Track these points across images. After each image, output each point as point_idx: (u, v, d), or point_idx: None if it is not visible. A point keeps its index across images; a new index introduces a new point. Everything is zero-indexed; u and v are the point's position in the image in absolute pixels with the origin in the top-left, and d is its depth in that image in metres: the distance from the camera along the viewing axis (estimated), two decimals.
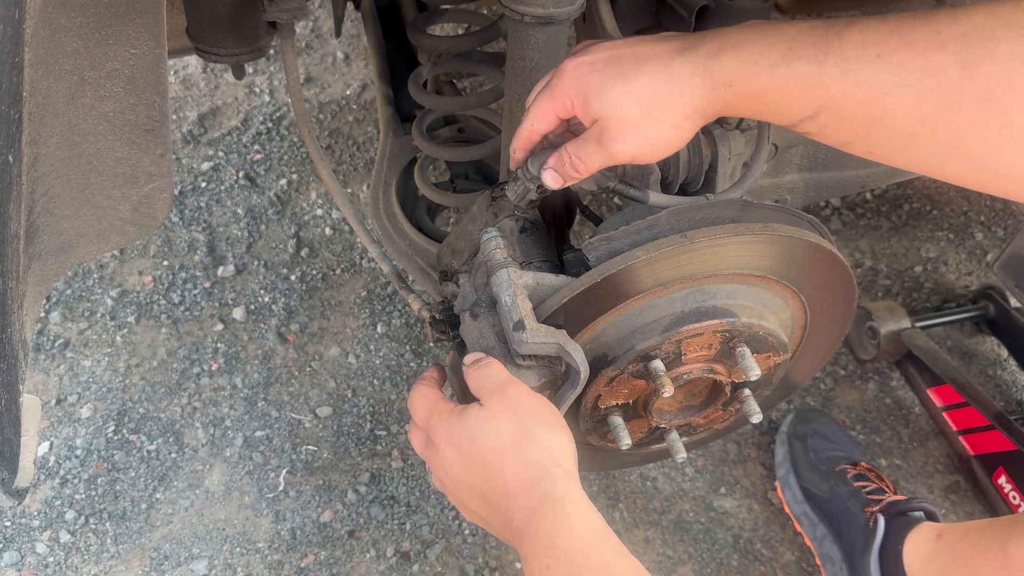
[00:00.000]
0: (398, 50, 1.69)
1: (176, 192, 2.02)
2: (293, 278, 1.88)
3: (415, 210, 1.54)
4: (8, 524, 1.52)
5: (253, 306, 1.83)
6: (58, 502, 1.55)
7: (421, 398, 0.94)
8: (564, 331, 0.92)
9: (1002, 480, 1.56)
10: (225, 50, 1.22)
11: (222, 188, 2.03)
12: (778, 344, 1.08)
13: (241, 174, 2.06)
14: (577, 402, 1.05)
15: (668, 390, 1.00)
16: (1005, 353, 1.82)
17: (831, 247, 1.04)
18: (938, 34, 0.70)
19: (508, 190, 1.02)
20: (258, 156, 2.11)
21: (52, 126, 0.86)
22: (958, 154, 0.74)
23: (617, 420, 1.09)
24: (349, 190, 2.07)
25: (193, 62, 2.30)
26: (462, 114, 1.58)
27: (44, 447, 1.61)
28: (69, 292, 1.83)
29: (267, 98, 2.24)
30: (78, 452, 1.61)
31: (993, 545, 1.16)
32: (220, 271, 1.88)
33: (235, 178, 2.05)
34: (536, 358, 0.93)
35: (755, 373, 1.03)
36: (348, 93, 2.27)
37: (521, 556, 0.82)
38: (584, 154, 0.88)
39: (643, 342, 1.01)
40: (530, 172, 0.96)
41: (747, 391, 1.11)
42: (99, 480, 1.58)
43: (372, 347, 1.78)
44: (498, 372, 0.90)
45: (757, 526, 1.57)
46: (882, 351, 1.73)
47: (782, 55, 0.76)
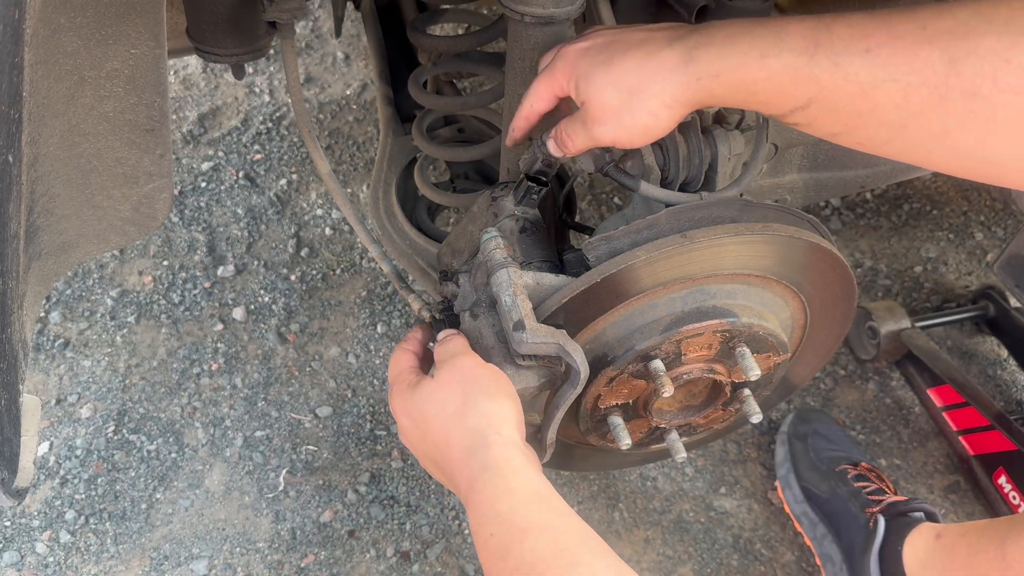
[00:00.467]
0: (398, 50, 1.69)
1: (176, 192, 2.02)
2: (293, 278, 1.88)
3: (415, 210, 1.54)
4: (8, 524, 1.52)
5: (253, 306, 1.83)
6: (58, 502, 1.55)
7: (394, 363, 0.99)
8: (564, 331, 0.92)
9: (1002, 480, 1.56)
10: (225, 50, 1.22)
11: (222, 188, 2.03)
12: (778, 344, 1.08)
13: (241, 174, 2.06)
14: (577, 402, 1.05)
15: (668, 390, 1.00)
16: (1005, 353, 1.82)
17: (831, 247, 1.04)
18: (924, 29, 0.72)
19: (521, 161, 1.05)
20: (258, 156, 2.11)
21: (52, 126, 0.86)
22: (944, 145, 0.76)
23: (617, 420, 1.09)
24: (349, 190, 2.07)
25: (193, 62, 2.30)
26: (462, 114, 1.58)
27: (44, 447, 1.61)
28: (69, 292, 1.83)
29: (267, 98, 2.24)
30: (78, 452, 1.61)
31: (991, 545, 1.16)
32: (220, 271, 1.88)
33: (235, 178, 2.06)
34: (536, 358, 0.93)
35: (755, 373, 1.03)
36: (348, 93, 2.27)
37: (469, 524, 0.82)
38: (573, 131, 0.93)
39: (643, 342, 1.01)
40: (540, 140, 1.00)
41: (747, 391, 1.11)
42: (99, 480, 1.58)
43: (372, 347, 1.78)
44: (455, 345, 0.94)
45: (757, 526, 1.57)
46: (882, 351, 1.73)
47: (772, 46, 0.78)
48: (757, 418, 1.10)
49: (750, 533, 1.56)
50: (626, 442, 1.08)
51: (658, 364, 1.02)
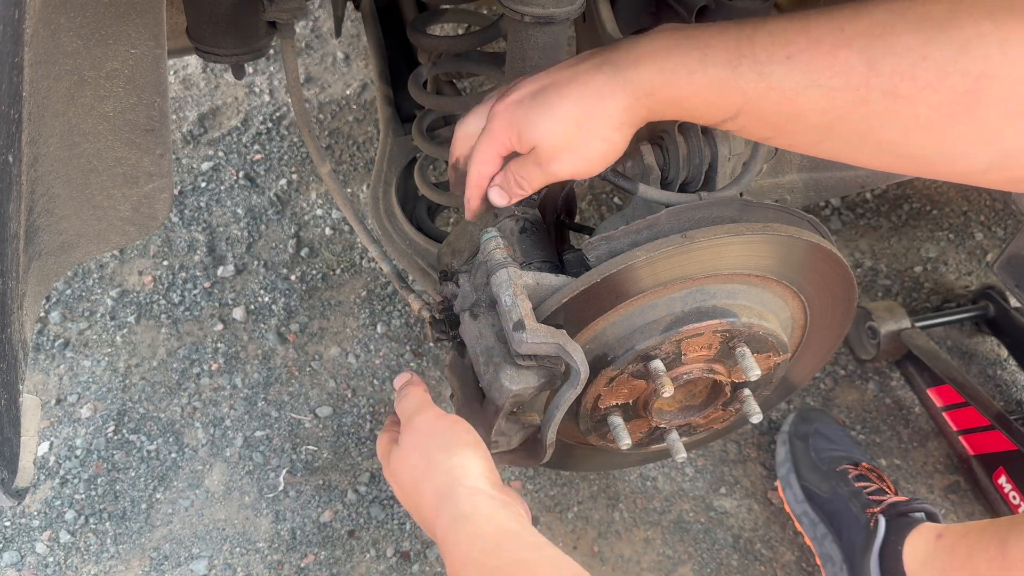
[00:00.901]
0: (398, 50, 1.69)
1: (176, 192, 2.02)
2: (293, 278, 1.88)
3: (415, 210, 1.54)
4: (8, 524, 1.52)
5: (253, 306, 1.83)
6: (58, 502, 1.55)
7: (379, 442, 1.02)
8: (564, 331, 0.92)
9: (1002, 480, 1.56)
10: (225, 50, 1.22)
11: (222, 188, 2.03)
12: (778, 344, 1.08)
13: (241, 174, 2.06)
14: (577, 402, 1.05)
15: (668, 390, 1.00)
16: (1005, 353, 1.82)
17: (831, 247, 1.04)
18: (842, 31, 0.73)
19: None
20: (258, 156, 2.11)
21: (52, 126, 0.86)
22: (869, 143, 0.77)
23: (617, 420, 1.09)
24: (349, 190, 2.07)
25: (193, 62, 2.30)
26: (462, 114, 1.58)
27: (44, 447, 1.61)
28: (69, 292, 1.83)
29: (267, 98, 2.24)
30: (78, 452, 1.61)
31: (991, 545, 1.16)
32: (220, 271, 1.88)
33: (235, 178, 2.06)
34: (536, 358, 0.93)
35: (755, 373, 1.03)
36: (348, 93, 2.27)
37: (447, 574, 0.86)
38: (526, 173, 0.92)
39: (643, 342, 1.01)
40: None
41: (747, 391, 1.11)
42: (99, 480, 1.58)
43: (372, 347, 1.78)
44: (411, 401, 0.98)
45: (757, 526, 1.57)
46: (882, 351, 1.73)
47: (698, 61, 0.79)
48: (757, 418, 1.10)
49: (750, 533, 1.56)
50: (626, 442, 1.08)
51: (658, 364, 1.02)
